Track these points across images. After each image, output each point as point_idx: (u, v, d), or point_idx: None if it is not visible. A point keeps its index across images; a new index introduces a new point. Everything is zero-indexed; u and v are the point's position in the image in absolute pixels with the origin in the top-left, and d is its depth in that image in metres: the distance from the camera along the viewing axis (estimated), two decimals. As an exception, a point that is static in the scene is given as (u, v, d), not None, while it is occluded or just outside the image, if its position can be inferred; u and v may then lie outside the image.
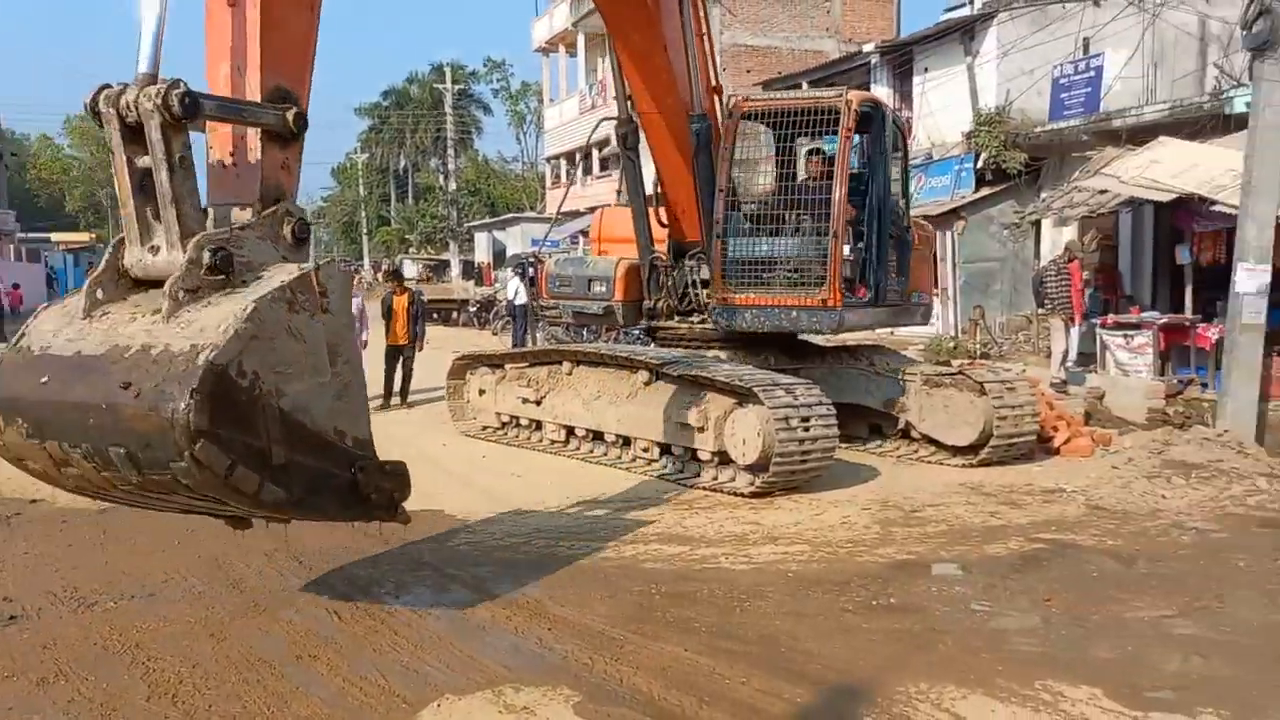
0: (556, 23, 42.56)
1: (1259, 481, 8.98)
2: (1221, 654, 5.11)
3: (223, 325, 4.34)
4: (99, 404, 4.34)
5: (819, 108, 9.68)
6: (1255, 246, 10.92)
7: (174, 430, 4.15)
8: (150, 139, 4.52)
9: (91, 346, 4.52)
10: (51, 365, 4.54)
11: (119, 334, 4.52)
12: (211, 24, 5.04)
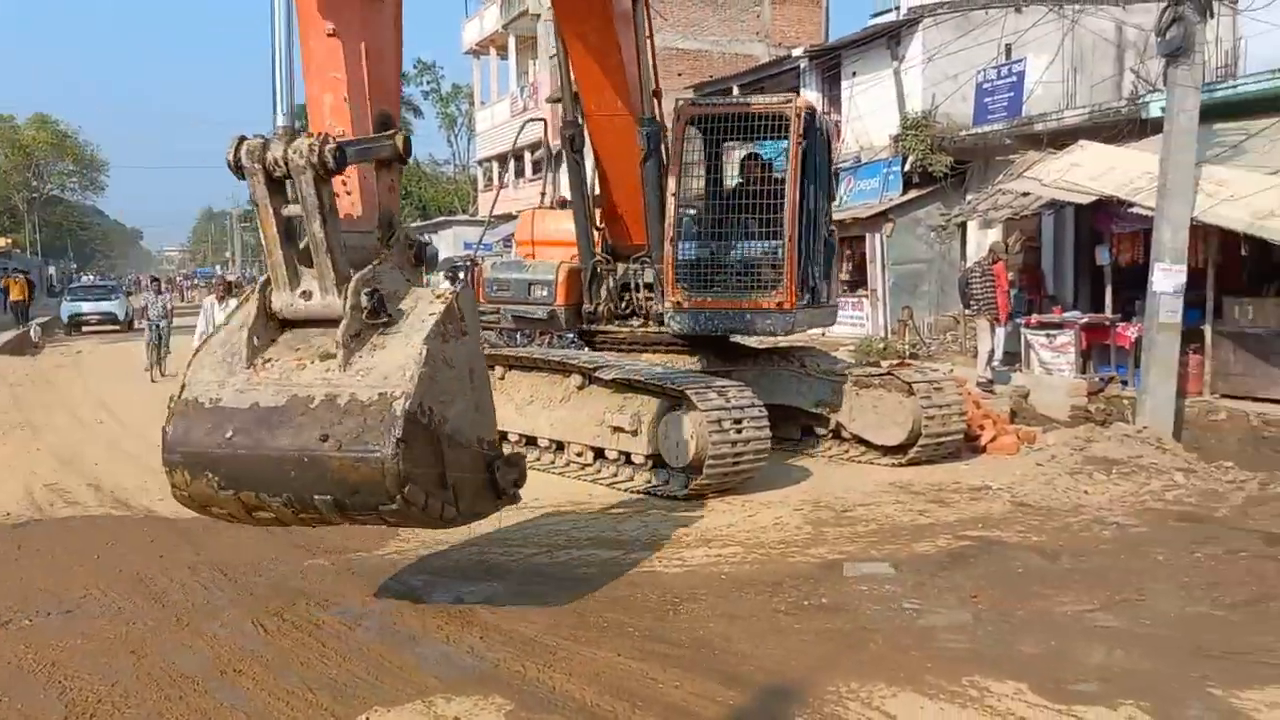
0: (487, 25, 42.32)
1: (1176, 476, 9.23)
2: (1142, 647, 5.24)
3: (406, 371, 4.68)
4: (299, 457, 4.62)
5: (767, 114, 9.74)
6: (1171, 248, 11.24)
7: (385, 479, 4.54)
8: (303, 193, 4.76)
9: (268, 398, 4.78)
10: (232, 419, 4.76)
11: (294, 384, 4.81)
12: (310, 55, 5.14)
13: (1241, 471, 9.40)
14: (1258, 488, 8.86)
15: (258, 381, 4.85)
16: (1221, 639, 5.32)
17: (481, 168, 46.54)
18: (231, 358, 4.96)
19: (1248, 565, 6.64)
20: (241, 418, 4.75)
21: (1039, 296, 17.81)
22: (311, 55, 5.14)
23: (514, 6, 38.59)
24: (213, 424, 4.78)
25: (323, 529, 6.17)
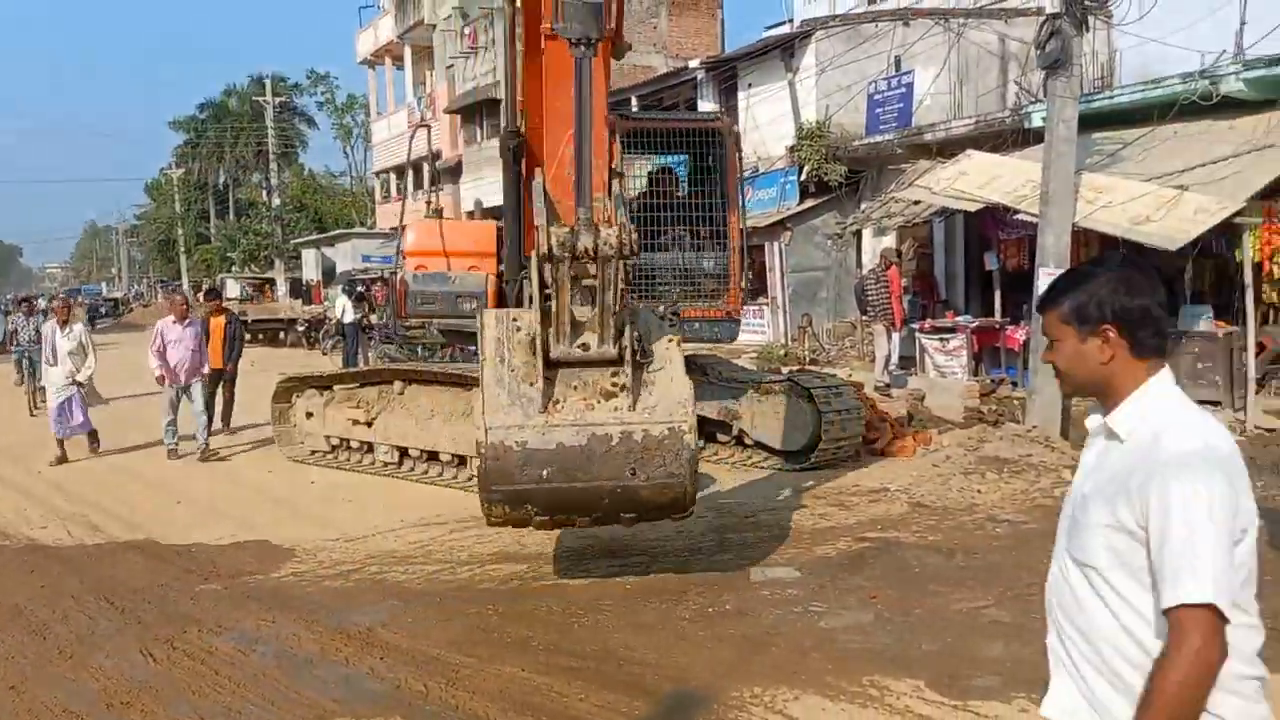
0: (382, 35, 41.76)
1: (1064, 474, 9.54)
2: (1033, 640, 5.37)
3: (686, 407, 5.72)
4: (612, 488, 5.60)
5: (699, 129, 10.05)
6: (1054, 252, 11.64)
7: (685, 498, 5.76)
8: (605, 274, 5.56)
9: (570, 438, 5.57)
10: (542, 459, 5.54)
11: (590, 424, 5.61)
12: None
13: (1124, 467, 9.78)
14: (1139, 482, 9.22)
15: (555, 423, 5.58)
16: (1107, 629, 5.51)
17: (379, 179, 45.86)
18: (523, 402, 5.64)
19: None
20: (551, 457, 5.53)
21: (932, 301, 18.30)
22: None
23: (409, 16, 38.17)
24: (525, 464, 5.53)
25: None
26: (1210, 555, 1.86)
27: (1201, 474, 1.90)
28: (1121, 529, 1.97)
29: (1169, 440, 1.96)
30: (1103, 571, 2.02)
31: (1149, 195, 11.75)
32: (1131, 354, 2.07)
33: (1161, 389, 2.07)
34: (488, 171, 32.44)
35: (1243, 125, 12.20)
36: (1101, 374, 2.10)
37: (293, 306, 35.09)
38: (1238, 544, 1.92)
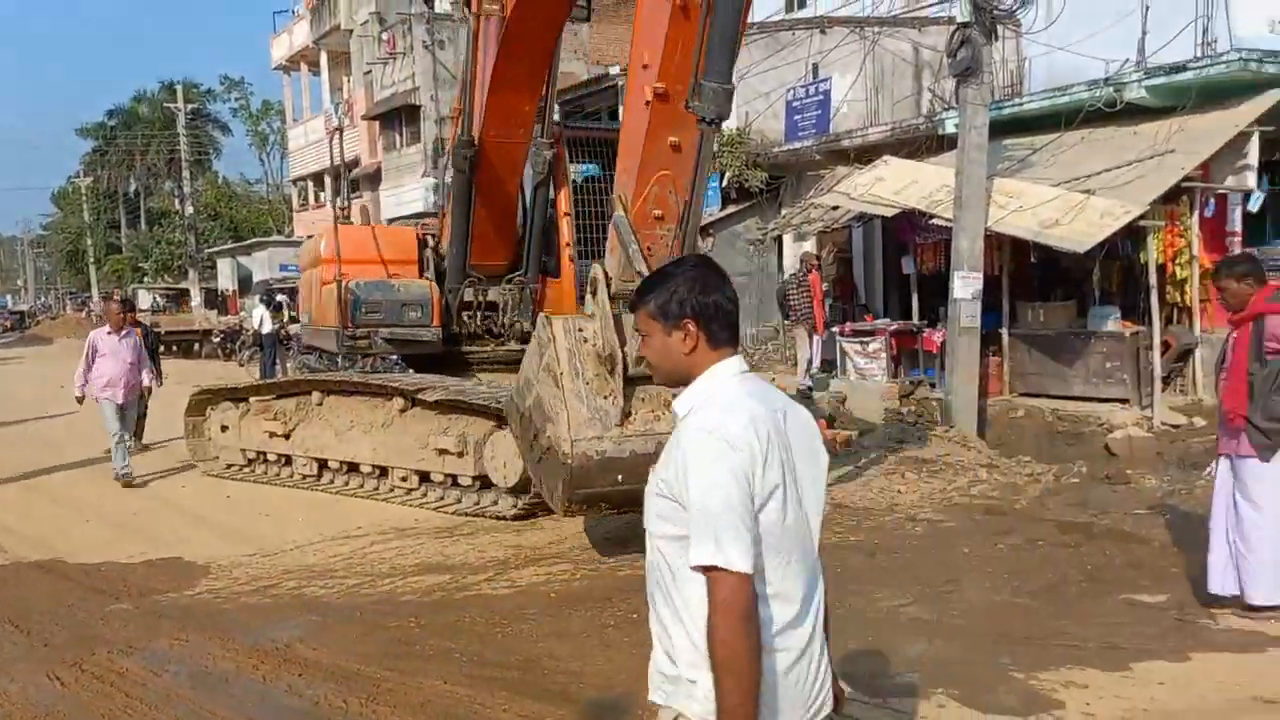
0: (297, 40, 41.02)
1: (980, 472, 9.77)
2: (951, 637, 5.49)
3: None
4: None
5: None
6: (968, 256, 11.92)
7: None
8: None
9: (641, 446, 6.26)
10: (619, 466, 6.24)
11: (658, 433, 6.22)
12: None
13: (1038, 465, 10.03)
14: (1053, 479, 9.46)
15: (629, 434, 6.31)
16: (1022, 625, 5.63)
17: (296, 187, 45.04)
18: (601, 415, 6.32)
19: (1044, 553, 7.07)
20: (625, 464, 6.22)
21: (852, 305, 18.57)
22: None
23: (325, 21, 37.57)
24: (604, 471, 6.27)
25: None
26: (710, 520, 2.03)
27: (709, 449, 2.07)
28: (663, 495, 2.17)
29: (694, 418, 2.17)
30: (655, 536, 2.22)
31: (1058, 199, 12.08)
32: (708, 345, 2.27)
33: (722, 374, 2.26)
34: (408, 179, 32.11)
35: (1145, 131, 12.61)
36: (684, 364, 2.29)
37: (208, 317, 34.31)
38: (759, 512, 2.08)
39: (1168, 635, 5.36)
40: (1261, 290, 5.55)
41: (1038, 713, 4.45)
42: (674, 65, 6.09)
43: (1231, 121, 12.07)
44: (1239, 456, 5.55)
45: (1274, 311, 5.46)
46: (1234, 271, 5.68)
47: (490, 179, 9.49)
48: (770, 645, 2.11)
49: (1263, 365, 5.41)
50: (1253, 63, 11.87)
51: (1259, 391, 5.40)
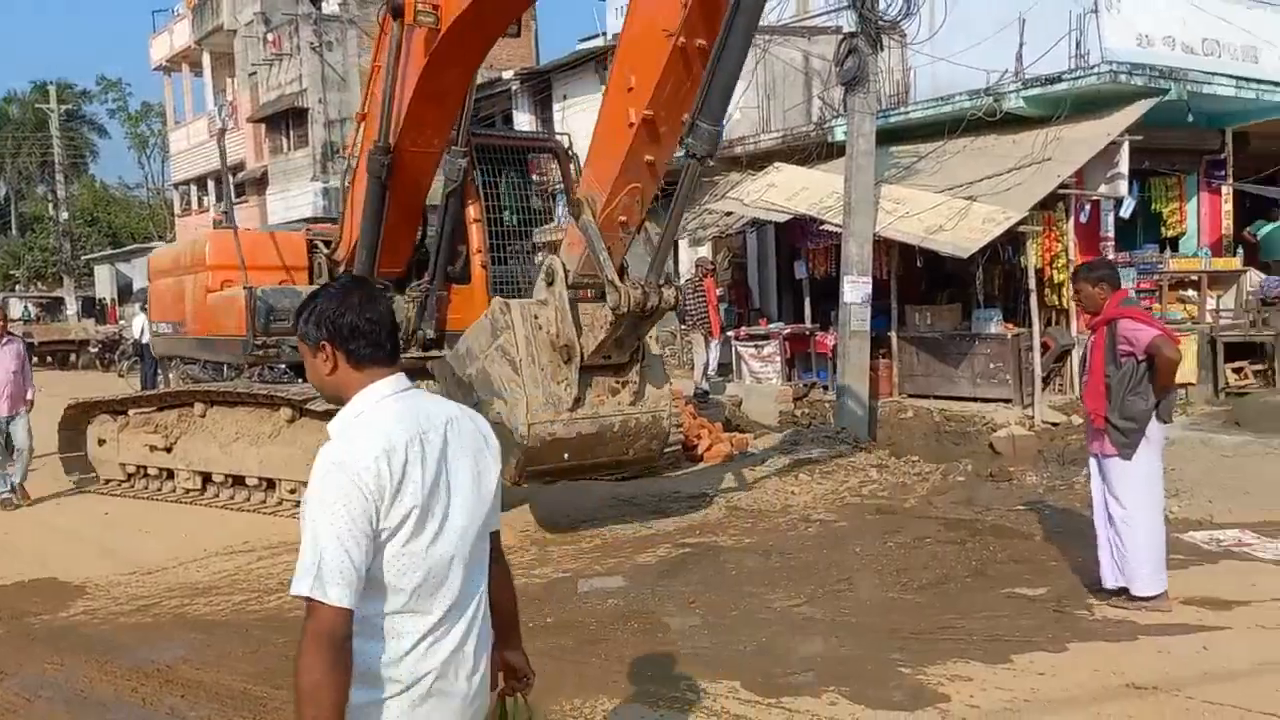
0: (178, 40, 39.69)
1: (871, 473, 9.98)
2: (843, 634, 5.59)
3: (666, 399, 7.65)
4: (610, 459, 7.59)
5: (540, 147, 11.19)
6: (857, 261, 12.17)
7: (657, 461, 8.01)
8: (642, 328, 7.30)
9: (587, 428, 7.16)
10: (569, 446, 7.14)
11: (601, 416, 7.21)
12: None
13: (926, 464, 10.28)
14: (940, 478, 9.72)
15: (577, 417, 7.05)
16: (910, 620, 5.76)
17: (178, 191, 43.59)
18: (555, 400, 6.99)
19: (932, 550, 7.25)
20: (573, 444, 7.13)
21: (747, 310, 18.80)
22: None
23: (208, 21, 36.47)
24: (555, 450, 7.07)
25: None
26: (317, 552, 2.05)
27: (333, 483, 2.09)
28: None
29: (328, 446, 2.17)
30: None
31: (942, 205, 12.43)
32: (350, 365, 2.27)
33: (372, 396, 2.26)
34: (296, 183, 31.38)
35: (1024, 140, 13.06)
36: (330, 385, 2.31)
37: (85, 327, 32.93)
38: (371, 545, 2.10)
39: (1047, 627, 5.55)
40: (1115, 294, 5.79)
41: (924, 706, 4.56)
42: (664, 97, 6.42)
43: (1104, 131, 12.59)
44: (1104, 456, 5.79)
45: (1125, 316, 5.71)
46: (1090, 276, 5.91)
47: (403, 186, 9.37)
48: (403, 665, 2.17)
49: (1118, 367, 5.64)
50: (1122, 75, 12.40)
51: (1115, 393, 5.63)
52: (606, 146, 6.92)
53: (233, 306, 9.71)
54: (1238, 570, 6.47)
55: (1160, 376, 5.59)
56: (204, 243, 10.89)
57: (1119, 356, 5.65)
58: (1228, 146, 14.79)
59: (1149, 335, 5.57)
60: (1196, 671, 4.81)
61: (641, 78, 6.48)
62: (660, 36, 6.29)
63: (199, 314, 10.59)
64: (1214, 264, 14.55)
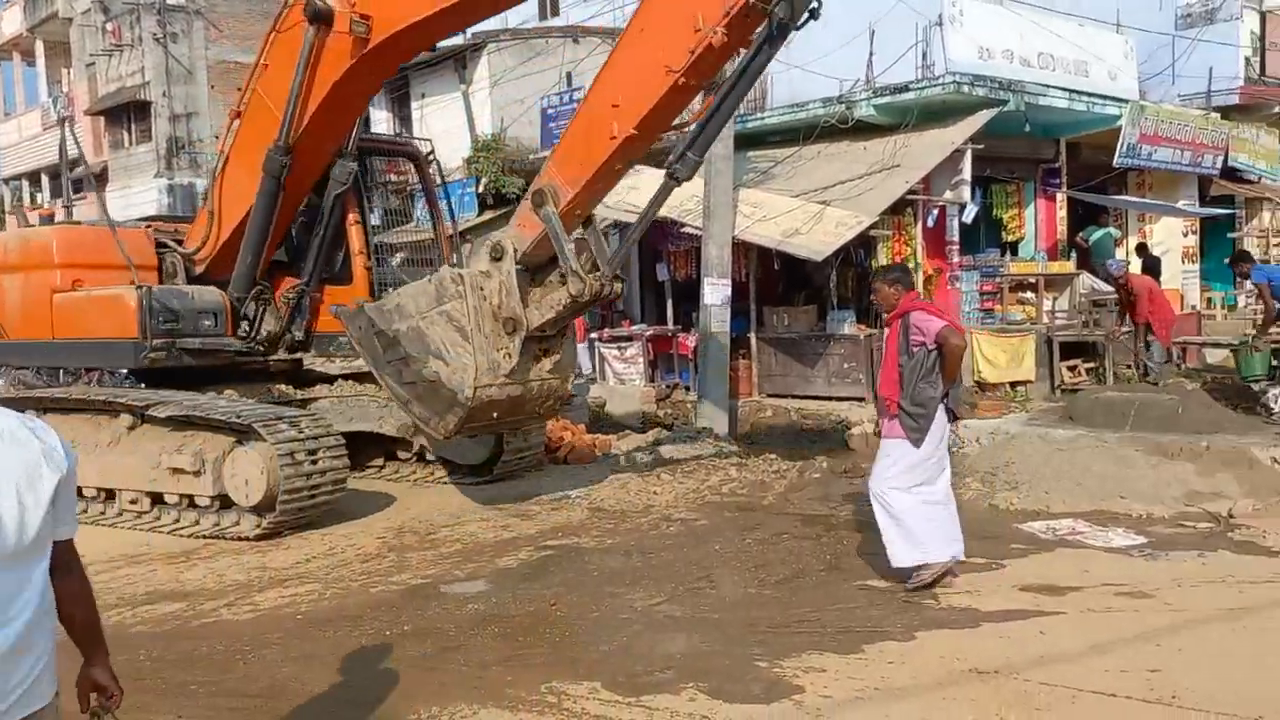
0: (8, 27, 37.37)
1: (731, 471, 10.13)
2: (703, 631, 5.65)
3: (570, 369, 8.42)
4: (527, 416, 8.41)
5: (399, 151, 11.17)
6: (716, 263, 12.36)
7: (555, 415, 9.57)
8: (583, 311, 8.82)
9: (516, 391, 7.77)
10: (500, 406, 7.75)
11: (528, 381, 7.82)
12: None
13: (783, 461, 10.50)
14: (797, 475, 9.95)
15: (510, 382, 7.66)
16: (768, 615, 5.87)
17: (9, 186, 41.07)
18: (494, 368, 7.50)
19: (789, 546, 7.41)
20: (502, 405, 7.74)
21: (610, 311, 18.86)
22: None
23: (41, 8, 34.50)
24: (490, 410, 7.69)
25: None
26: None
27: None
28: None
29: None
30: None
31: (797, 210, 12.75)
32: None
33: None
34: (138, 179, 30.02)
35: (874, 147, 13.51)
36: None
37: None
38: None
39: (896, 616, 5.73)
40: (909, 293, 6.33)
41: (780, 699, 4.64)
42: (653, 122, 7.03)
43: (948, 139, 13.14)
44: (894, 438, 6.21)
45: (918, 308, 6.21)
46: (886, 278, 6.47)
47: (294, 188, 9.19)
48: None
49: (910, 356, 6.07)
50: (965, 85, 12.97)
51: (907, 380, 6.07)
52: (582, 152, 7.29)
53: (116, 307, 9.11)
54: (1072, 557, 6.82)
55: (948, 362, 6.04)
56: (48, 238, 10.07)
57: (911, 346, 6.08)
58: (1061, 155, 15.66)
59: (938, 325, 6.03)
60: (1034, 655, 5.04)
61: (633, 101, 6.89)
62: (662, 71, 6.67)
63: (40, 316, 9.76)
64: (1050, 267, 15.37)
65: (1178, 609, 5.70)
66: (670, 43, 6.61)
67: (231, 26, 30.76)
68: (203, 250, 9.73)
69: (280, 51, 8.67)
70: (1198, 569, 6.47)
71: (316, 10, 7.99)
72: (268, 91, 8.82)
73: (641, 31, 6.90)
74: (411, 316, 7.67)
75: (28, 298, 9.83)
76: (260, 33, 33.73)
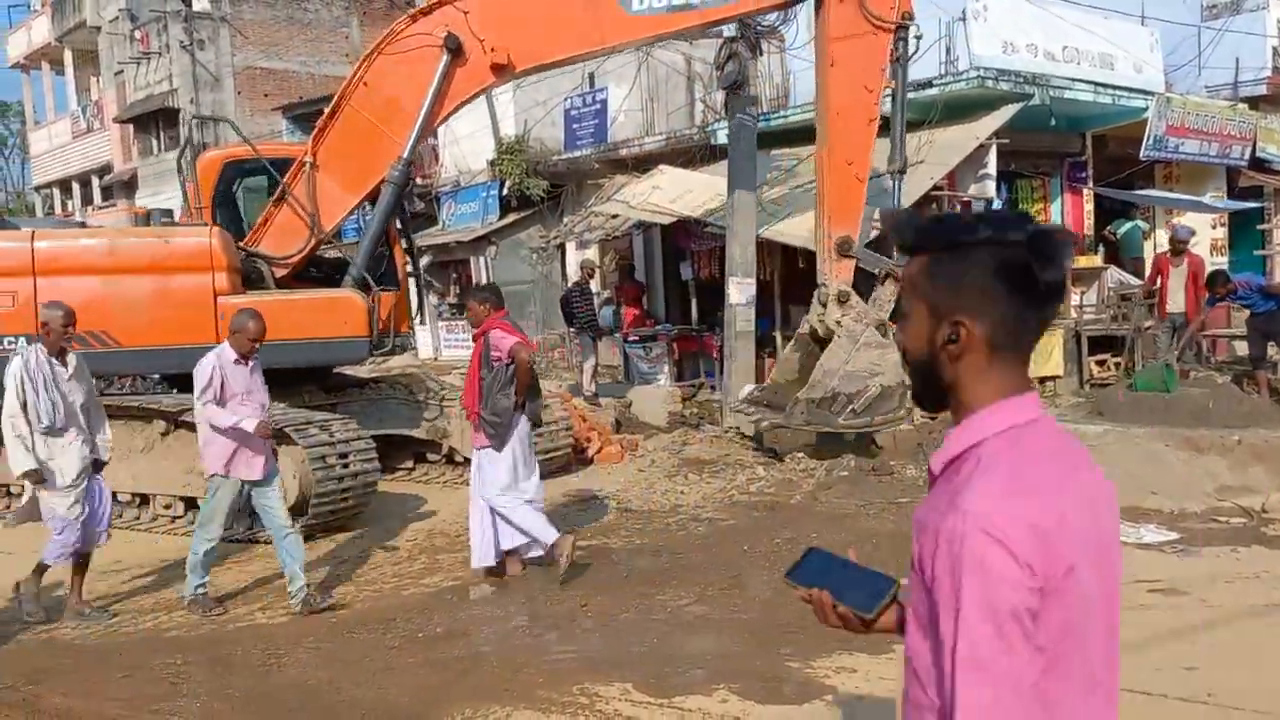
0: (37, 36, 37.85)
1: (758, 470, 10.13)
2: (733, 631, 5.67)
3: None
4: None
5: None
6: (741, 262, 12.34)
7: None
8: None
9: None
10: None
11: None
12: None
13: (810, 461, 10.46)
14: (824, 474, 9.91)
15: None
16: (797, 616, 5.85)
17: (40, 194, 41.60)
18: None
19: (818, 545, 7.39)
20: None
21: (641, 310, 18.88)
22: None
23: (69, 17, 34.91)
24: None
25: None
26: None
27: None
28: None
29: None
30: None
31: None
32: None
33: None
34: (169, 184, 30.28)
35: (898, 143, 13.42)
36: None
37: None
38: None
39: (928, 616, 5.71)
40: (496, 312, 6.79)
41: (812, 699, 4.65)
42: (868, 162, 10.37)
43: (973, 134, 13.05)
44: (479, 448, 6.78)
45: (496, 327, 6.70)
46: (477, 297, 6.96)
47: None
48: None
49: (490, 370, 6.64)
50: (989, 80, 12.89)
51: (488, 391, 6.63)
52: (846, 203, 10.22)
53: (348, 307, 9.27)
54: (1103, 554, 6.77)
55: (519, 375, 6.62)
56: (191, 236, 9.19)
57: (491, 361, 6.65)
58: (1088, 149, 15.52)
59: (510, 342, 6.62)
60: (1066, 653, 5.02)
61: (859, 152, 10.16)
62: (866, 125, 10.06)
63: (198, 320, 8.89)
64: (1077, 261, 15.22)
65: (1212, 605, 5.66)
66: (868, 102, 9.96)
67: (255, 32, 31.03)
68: (295, 256, 9.64)
69: (384, 72, 9.23)
70: (1231, 565, 6.42)
71: (457, 45, 8.93)
72: (364, 106, 9.31)
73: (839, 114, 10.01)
74: (836, 371, 9.67)
75: (174, 300, 9.01)
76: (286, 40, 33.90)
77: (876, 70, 9.97)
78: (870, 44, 9.88)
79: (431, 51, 9.08)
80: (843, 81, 9.95)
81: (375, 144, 9.30)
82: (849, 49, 9.96)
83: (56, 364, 6.27)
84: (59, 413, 6.22)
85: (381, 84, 9.28)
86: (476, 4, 9.16)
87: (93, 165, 36.24)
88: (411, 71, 9.15)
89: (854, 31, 9.94)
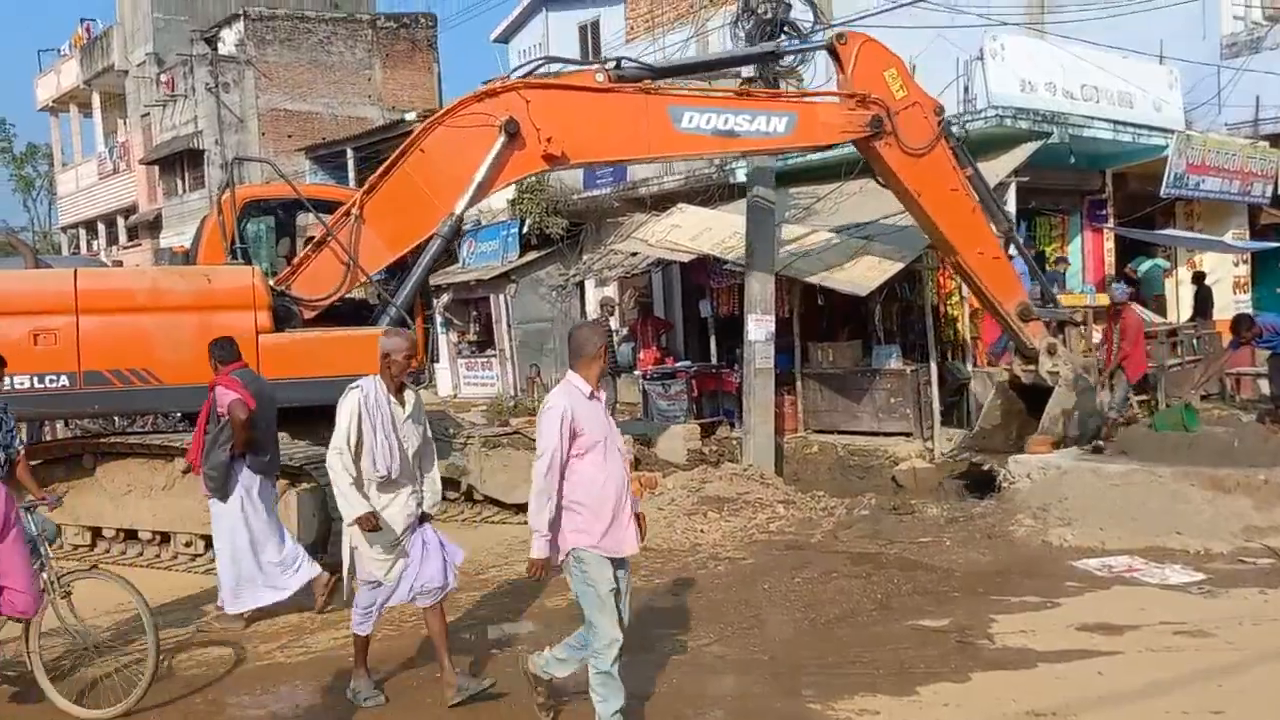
0: (65, 80, 38.57)
1: (778, 508, 10.07)
2: (752, 672, 5.62)
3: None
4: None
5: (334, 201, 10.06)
6: (760, 299, 12.35)
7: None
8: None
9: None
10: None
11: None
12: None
13: (831, 499, 10.43)
14: (845, 512, 9.85)
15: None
16: (818, 655, 5.82)
17: (67, 235, 42.19)
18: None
19: (839, 585, 7.35)
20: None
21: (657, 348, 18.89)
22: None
23: (98, 61, 35.57)
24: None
25: None
26: None
27: None
28: None
29: None
30: None
31: (840, 245, 12.73)
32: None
33: None
34: (193, 225, 30.68)
35: (916, 181, 13.45)
36: None
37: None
38: None
39: (950, 657, 5.66)
40: (226, 366, 6.97)
41: (834, 742, 4.60)
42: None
43: (992, 173, 13.04)
44: (208, 498, 7.01)
45: (222, 382, 6.89)
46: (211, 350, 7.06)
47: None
48: None
49: (216, 423, 6.87)
50: (1007, 119, 12.93)
51: (209, 445, 6.88)
52: (1005, 278, 10.67)
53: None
54: (1128, 595, 6.70)
55: (234, 431, 6.78)
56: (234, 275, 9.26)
57: (219, 415, 6.86)
58: (1108, 186, 15.51)
59: (230, 398, 6.80)
60: (1093, 696, 4.96)
61: (983, 241, 10.52)
62: (969, 214, 10.41)
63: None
64: (1099, 299, 15.15)
65: (1239, 648, 5.58)
66: (961, 198, 10.29)
67: (280, 74, 31.51)
68: (324, 300, 9.71)
69: (442, 141, 9.51)
70: (1259, 606, 6.33)
71: (515, 130, 9.23)
72: (417, 171, 9.54)
73: (950, 226, 10.33)
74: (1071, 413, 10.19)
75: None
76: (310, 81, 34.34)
77: (948, 171, 10.11)
78: (932, 160, 10.02)
79: (490, 132, 9.32)
80: (933, 202, 10.17)
81: (421, 207, 9.51)
82: (919, 176, 10.10)
83: (394, 402, 5.44)
84: (394, 460, 5.36)
85: (437, 153, 9.52)
86: (540, 96, 9.46)
87: (119, 206, 36.77)
88: (467, 146, 9.41)
89: (912, 163, 10.07)
